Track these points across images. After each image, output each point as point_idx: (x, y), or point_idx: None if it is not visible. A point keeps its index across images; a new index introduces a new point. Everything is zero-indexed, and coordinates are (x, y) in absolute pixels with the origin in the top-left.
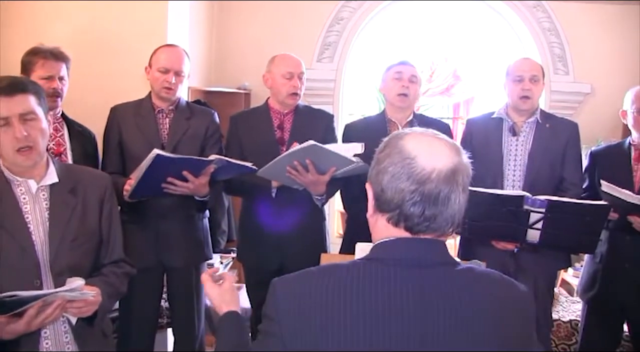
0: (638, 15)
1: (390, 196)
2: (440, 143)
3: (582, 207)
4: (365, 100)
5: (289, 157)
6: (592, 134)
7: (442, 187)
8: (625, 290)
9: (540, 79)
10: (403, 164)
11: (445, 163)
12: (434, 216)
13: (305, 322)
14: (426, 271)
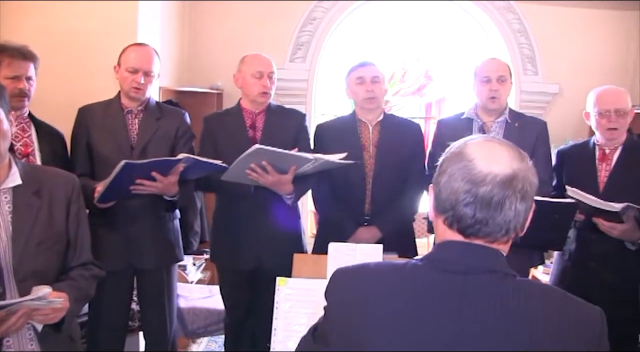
0: (604, 20)
1: (445, 196)
2: (502, 148)
3: (551, 205)
4: (337, 100)
5: (243, 161)
6: (560, 133)
7: (497, 191)
8: (591, 286)
9: (508, 78)
10: (460, 166)
11: (503, 168)
12: (485, 220)
13: (349, 315)
14: (472, 278)
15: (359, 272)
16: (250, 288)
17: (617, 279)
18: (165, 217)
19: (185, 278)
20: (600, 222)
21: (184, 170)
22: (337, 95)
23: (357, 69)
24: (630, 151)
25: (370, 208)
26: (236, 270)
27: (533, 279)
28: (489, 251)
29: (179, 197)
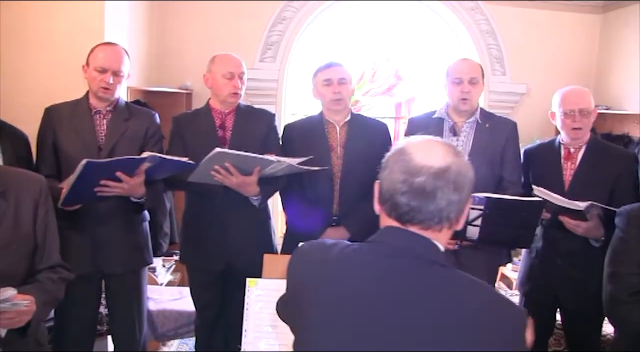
0: (568, 22)
1: (386, 188)
2: (439, 145)
3: (518, 203)
4: (308, 100)
5: (206, 164)
6: (527, 132)
7: (430, 181)
8: (557, 283)
9: (480, 80)
10: (399, 159)
11: (437, 161)
12: (418, 207)
13: (301, 284)
14: (401, 261)
15: (318, 247)
16: (220, 289)
17: (582, 275)
18: (134, 219)
19: (154, 280)
20: (566, 220)
21: (150, 170)
22: (308, 95)
23: (324, 70)
24: (594, 150)
25: (338, 208)
26: (206, 271)
27: (502, 276)
28: (421, 238)
29: (147, 199)
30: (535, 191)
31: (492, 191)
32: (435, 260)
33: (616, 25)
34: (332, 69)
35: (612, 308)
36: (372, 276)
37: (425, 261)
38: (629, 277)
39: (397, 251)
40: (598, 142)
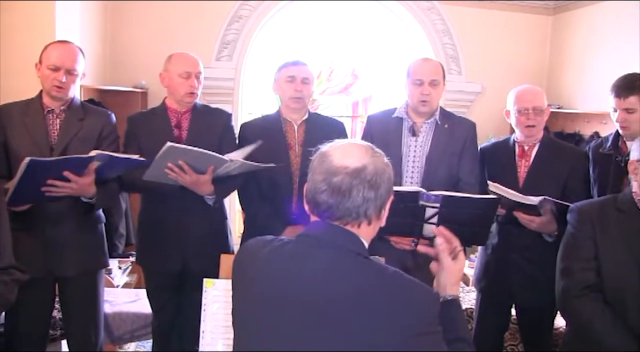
0: (521, 23)
1: (309, 188)
2: (356, 147)
3: (473, 201)
4: (265, 99)
5: (159, 161)
6: (483, 131)
7: (346, 180)
8: (513, 278)
9: (441, 81)
10: (320, 161)
11: (354, 162)
12: (335, 204)
13: (240, 274)
14: (322, 252)
15: (258, 241)
16: (177, 290)
17: (536, 270)
18: (88, 220)
19: (110, 282)
20: (520, 216)
21: (101, 169)
22: (265, 94)
23: (290, 67)
24: (547, 148)
25: (297, 207)
26: (163, 272)
27: None
28: (343, 230)
29: (98, 199)
30: (491, 186)
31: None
32: (359, 252)
33: (566, 27)
34: (297, 67)
35: (564, 302)
36: (296, 267)
37: (348, 251)
38: (580, 272)
39: (321, 242)
40: (551, 140)
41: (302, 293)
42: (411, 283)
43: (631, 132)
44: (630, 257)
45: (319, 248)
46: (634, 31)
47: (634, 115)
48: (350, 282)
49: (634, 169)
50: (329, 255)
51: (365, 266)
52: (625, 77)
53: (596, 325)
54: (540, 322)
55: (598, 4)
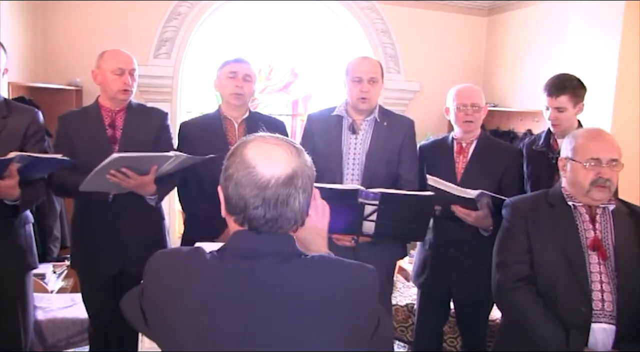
0: (458, 23)
1: (235, 202)
2: (279, 149)
3: (411, 197)
4: (204, 98)
5: (101, 171)
6: (421, 129)
7: (281, 191)
8: (450, 273)
9: (379, 79)
10: (245, 173)
11: (283, 169)
12: (274, 218)
13: (160, 295)
14: (257, 261)
15: (172, 258)
16: (114, 293)
17: (473, 264)
18: (12, 222)
19: (44, 288)
20: (458, 209)
21: (24, 170)
22: (205, 93)
23: (232, 64)
24: (484, 145)
25: None
26: (99, 275)
27: (399, 269)
28: (278, 236)
29: (22, 201)
30: (429, 180)
31: (389, 188)
32: (295, 251)
33: (500, 28)
34: (240, 64)
35: (499, 294)
36: (234, 283)
37: (285, 256)
38: (515, 266)
39: (255, 252)
40: (487, 137)
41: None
42: (355, 265)
43: (562, 129)
44: (559, 250)
45: (261, 259)
46: (562, 33)
47: (564, 114)
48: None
49: (563, 166)
50: (274, 263)
51: (312, 263)
52: (557, 77)
53: (528, 316)
54: (476, 315)
55: (529, 7)
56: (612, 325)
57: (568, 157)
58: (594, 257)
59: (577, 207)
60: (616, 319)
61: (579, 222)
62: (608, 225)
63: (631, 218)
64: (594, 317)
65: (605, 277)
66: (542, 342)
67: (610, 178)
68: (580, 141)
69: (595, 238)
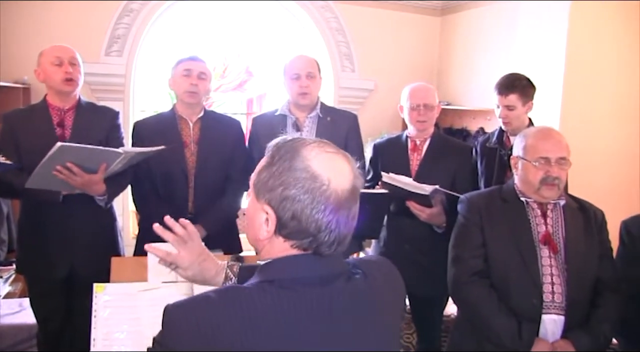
0: (411, 23)
1: (305, 226)
2: (340, 159)
3: (365, 195)
4: (158, 96)
5: (48, 163)
6: (376, 127)
7: (351, 205)
8: (405, 268)
9: (317, 74)
10: (319, 192)
11: (349, 181)
12: (345, 237)
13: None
14: (329, 288)
15: (206, 306)
16: (64, 297)
17: (428, 260)
18: None
19: None
20: (412, 205)
21: None
22: (159, 91)
23: (187, 62)
24: (437, 143)
25: (193, 206)
26: (47, 279)
27: None
28: (337, 257)
29: None
30: (384, 177)
31: None
32: (349, 270)
33: (453, 28)
34: (195, 62)
35: (455, 289)
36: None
37: (348, 275)
38: (470, 260)
39: (326, 278)
40: (441, 135)
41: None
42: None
43: (512, 127)
44: (512, 244)
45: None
46: (512, 32)
47: (514, 112)
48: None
49: (515, 164)
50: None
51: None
52: (507, 76)
53: (482, 309)
54: (431, 311)
55: (480, 7)
56: (561, 316)
57: (519, 156)
58: (545, 251)
59: (529, 203)
60: (565, 310)
61: (531, 218)
62: (559, 220)
63: (580, 213)
64: (544, 309)
65: (555, 270)
66: (495, 334)
67: (559, 176)
68: (530, 141)
69: (547, 233)
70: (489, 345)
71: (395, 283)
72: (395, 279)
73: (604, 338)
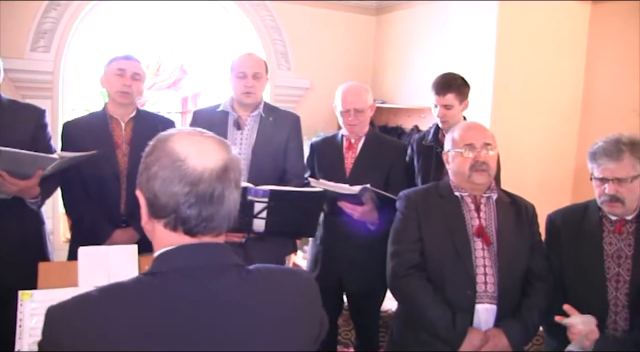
0: (347, 22)
1: (164, 201)
2: (208, 141)
3: (300, 194)
4: (90, 94)
5: None
6: (312, 125)
7: (216, 185)
8: (341, 265)
9: (263, 75)
10: (174, 167)
11: (216, 161)
12: (211, 216)
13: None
14: (216, 279)
15: (87, 305)
16: None
17: (362, 257)
18: None
19: None
20: (344, 205)
21: None
22: (91, 89)
23: (121, 61)
24: (372, 141)
25: (126, 208)
26: None
27: (294, 266)
28: (217, 247)
29: None
30: (312, 182)
31: (275, 183)
32: (234, 263)
33: (388, 28)
34: (129, 62)
35: (393, 282)
36: (187, 307)
37: (228, 268)
38: (407, 254)
39: (202, 272)
40: (375, 134)
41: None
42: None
43: (450, 125)
44: (448, 238)
45: (208, 280)
46: (444, 32)
47: (451, 111)
48: (258, 297)
49: (447, 159)
50: (219, 283)
51: (256, 277)
52: (443, 76)
53: (418, 301)
54: (368, 306)
55: (414, 7)
56: (493, 305)
57: (449, 149)
58: (479, 243)
59: (463, 198)
60: (497, 300)
61: (465, 212)
62: (492, 213)
63: (512, 207)
64: (477, 299)
65: (488, 262)
66: (430, 324)
67: (487, 162)
68: (456, 133)
69: (480, 226)
70: (426, 335)
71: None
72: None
73: (533, 325)
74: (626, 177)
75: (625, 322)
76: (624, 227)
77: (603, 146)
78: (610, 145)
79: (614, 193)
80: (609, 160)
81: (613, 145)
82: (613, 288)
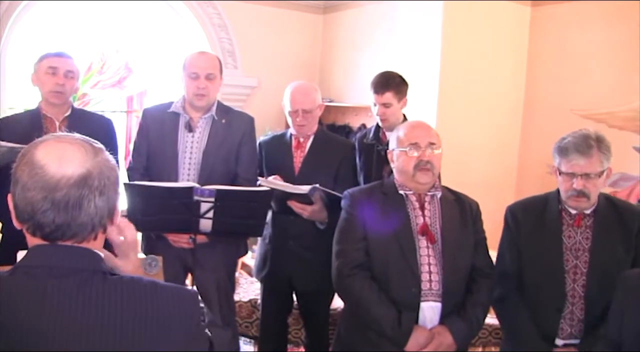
0: (294, 20)
1: (22, 208)
2: (73, 148)
3: (246, 193)
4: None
5: None
6: (260, 124)
7: (73, 192)
8: (290, 264)
9: (217, 75)
10: (32, 174)
11: (75, 169)
12: (66, 223)
13: None
14: (56, 282)
15: None
16: None
17: (311, 256)
18: None
19: None
20: (294, 205)
21: None
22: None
23: (52, 58)
24: (320, 140)
25: None
26: None
27: (243, 265)
28: (78, 250)
29: None
30: (261, 181)
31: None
32: (99, 270)
33: (335, 27)
34: (61, 59)
35: (338, 281)
36: (38, 308)
37: (90, 273)
38: (352, 253)
39: (57, 271)
40: (324, 132)
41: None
42: (169, 291)
43: (389, 124)
44: (392, 236)
45: (62, 278)
46: (391, 32)
47: (390, 109)
48: (114, 311)
49: (392, 157)
50: (73, 286)
51: (119, 286)
52: (381, 75)
53: (363, 300)
54: (318, 305)
55: (361, 7)
56: (438, 303)
57: (394, 148)
58: (423, 241)
59: (408, 196)
60: (442, 297)
61: (410, 210)
62: (436, 211)
63: (456, 204)
64: (422, 297)
65: (433, 259)
66: (376, 323)
67: (431, 161)
68: (401, 132)
69: (424, 224)
70: (373, 334)
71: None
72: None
73: (476, 321)
74: (594, 172)
75: (581, 313)
76: (583, 220)
77: (573, 141)
78: (580, 141)
79: (581, 188)
80: (580, 156)
81: (583, 141)
82: (571, 280)
